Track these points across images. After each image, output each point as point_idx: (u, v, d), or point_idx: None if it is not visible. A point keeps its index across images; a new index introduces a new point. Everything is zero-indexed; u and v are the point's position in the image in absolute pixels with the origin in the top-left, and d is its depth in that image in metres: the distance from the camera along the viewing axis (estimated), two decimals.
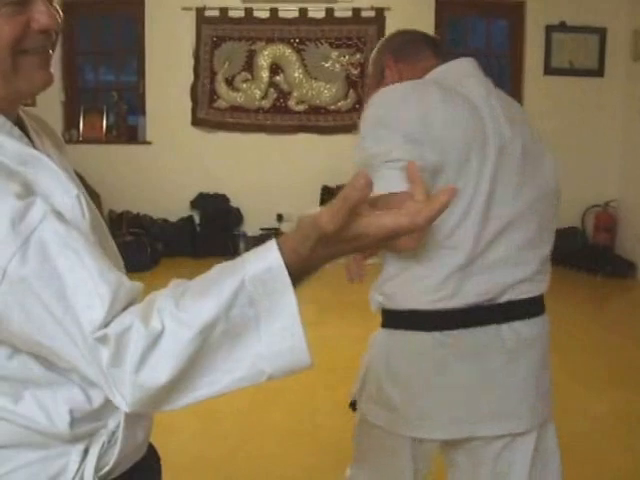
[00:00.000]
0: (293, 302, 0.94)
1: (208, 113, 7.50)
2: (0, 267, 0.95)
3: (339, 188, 3.80)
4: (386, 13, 7.30)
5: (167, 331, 0.95)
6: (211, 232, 7.31)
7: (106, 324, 0.95)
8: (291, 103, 7.47)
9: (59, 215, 1.02)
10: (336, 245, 0.96)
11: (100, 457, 1.15)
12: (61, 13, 1.11)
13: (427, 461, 1.82)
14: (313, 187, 7.27)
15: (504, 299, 1.68)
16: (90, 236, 1.07)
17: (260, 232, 7.41)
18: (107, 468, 1.15)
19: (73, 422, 1.10)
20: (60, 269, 0.97)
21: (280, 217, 7.50)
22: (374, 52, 2.08)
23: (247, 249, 0.99)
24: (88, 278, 0.98)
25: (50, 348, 1.00)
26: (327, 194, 7.32)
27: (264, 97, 7.46)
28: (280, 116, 7.44)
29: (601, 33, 7.23)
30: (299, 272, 0.96)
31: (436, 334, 1.69)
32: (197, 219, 7.50)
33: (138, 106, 7.68)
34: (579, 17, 7.20)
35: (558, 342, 4.95)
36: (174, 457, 1.41)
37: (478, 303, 1.66)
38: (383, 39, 2.12)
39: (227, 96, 7.46)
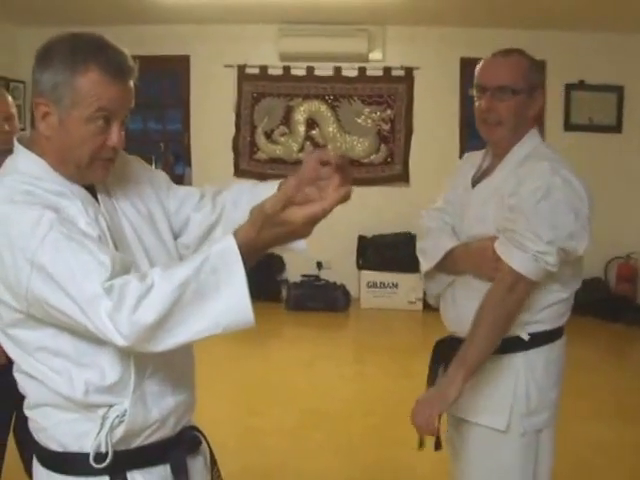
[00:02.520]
0: (242, 272, 1.32)
1: (249, 164, 7.89)
2: (29, 259, 1.35)
3: (375, 238, 4.53)
4: (415, 72, 7.69)
5: (155, 285, 1.32)
6: (255, 278, 7.62)
7: (111, 279, 1.33)
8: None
9: (65, 221, 1.41)
10: (275, 227, 1.32)
11: (113, 427, 1.51)
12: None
13: None
14: (350, 237, 7.62)
15: None
16: (93, 236, 1.45)
17: (301, 278, 7.71)
18: (119, 436, 1.51)
19: (87, 392, 1.48)
20: (67, 255, 1.36)
21: (320, 264, 7.80)
22: (525, 62, 2.10)
23: (289, 294, 1.40)
24: (89, 255, 1.36)
25: (69, 316, 1.36)
26: (363, 243, 7.66)
27: (301, 150, 7.84)
28: None
29: (619, 91, 7.56)
30: (250, 251, 1.34)
31: (564, 337, 2.21)
32: None
33: (184, 157, 8.09)
34: (597, 76, 7.52)
35: (577, 382, 5.22)
36: (226, 466, 1.81)
37: None
38: (533, 58, 2.13)
39: (266, 148, 7.86)
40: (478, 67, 2.15)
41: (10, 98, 3.00)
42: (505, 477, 2.14)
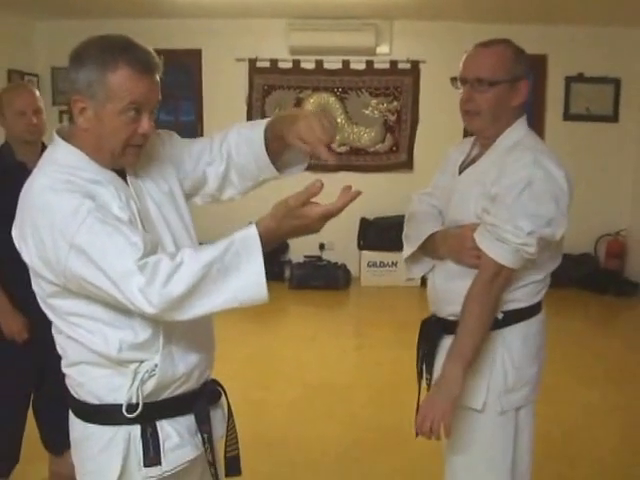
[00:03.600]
0: (260, 257, 1.55)
1: None
2: (68, 241, 1.53)
3: (376, 220, 4.95)
4: (421, 65, 7.94)
5: (184, 263, 1.52)
6: None
7: (144, 258, 1.51)
8: (334, 145, 7.99)
9: (101, 208, 1.58)
10: (293, 220, 1.56)
11: (144, 381, 1.69)
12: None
13: None
14: (352, 219, 7.83)
15: None
16: (125, 220, 1.63)
17: (304, 259, 7.93)
18: (150, 389, 1.70)
19: (121, 349, 1.66)
20: (103, 237, 1.54)
21: (322, 246, 8.06)
22: (506, 52, 2.09)
23: (292, 274, 1.67)
24: (122, 238, 1.54)
25: (103, 290, 1.55)
26: (364, 225, 7.92)
27: None
28: None
29: (616, 83, 7.81)
30: (269, 238, 1.58)
31: (542, 312, 2.25)
32: None
33: None
34: (596, 69, 7.77)
35: (569, 351, 5.52)
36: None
37: None
38: (518, 48, 2.12)
39: None
40: (462, 59, 2.15)
41: (38, 92, 3.19)
42: (485, 455, 2.19)
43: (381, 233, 7.73)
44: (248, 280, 1.54)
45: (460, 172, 2.28)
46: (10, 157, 3.13)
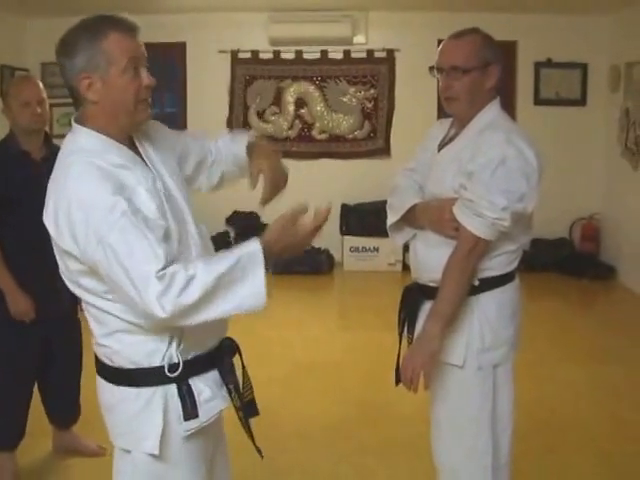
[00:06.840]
0: (262, 270, 1.70)
1: None
2: (98, 237, 1.62)
3: (357, 206, 5.31)
4: (396, 54, 8.17)
5: (197, 275, 1.64)
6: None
7: (163, 269, 1.62)
8: (314, 133, 8.32)
9: (134, 209, 1.67)
10: (288, 233, 1.77)
11: (178, 343, 1.82)
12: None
13: None
14: (333, 206, 7.98)
15: None
16: (155, 219, 1.72)
17: None
18: (181, 347, 1.82)
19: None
20: (132, 240, 1.63)
21: None
22: (476, 41, 2.25)
23: (275, 260, 1.77)
24: (149, 246, 1.64)
25: (119, 286, 1.65)
26: (346, 211, 8.09)
27: (290, 128, 8.31)
28: (304, 144, 8.25)
29: (583, 68, 8.05)
30: (269, 251, 1.74)
31: (516, 281, 2.41)
32: (232, 234, 8.13)
33: None
34: (564, 54, 8.01)
35: (550, 331, 5.79)
36: (225, 413, 2.03)
37: None
38: (487, 36, 2.29)
39: (258, 127, 8.26)
40: (437, 50, 2.32)
41: (41, 84, 3.38)
42: (466, 407, 2.37)
43: (362, 219, 7.90)
44: (251, 291, 1.70)
45: (439, 150, 2.44)
46: (15, 146, 3.29)
